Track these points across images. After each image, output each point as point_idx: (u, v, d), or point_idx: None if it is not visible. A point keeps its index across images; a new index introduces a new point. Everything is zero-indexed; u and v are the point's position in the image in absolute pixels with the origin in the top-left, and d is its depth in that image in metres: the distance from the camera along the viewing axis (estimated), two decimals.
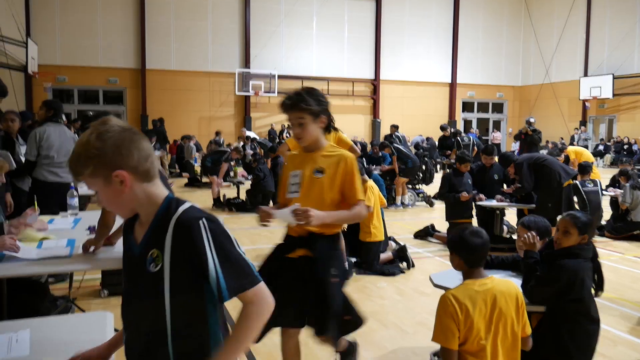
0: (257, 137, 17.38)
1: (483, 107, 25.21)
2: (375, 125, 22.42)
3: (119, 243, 3.05)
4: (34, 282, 3.23)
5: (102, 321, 1.99)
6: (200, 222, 1.41)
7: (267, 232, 7.74)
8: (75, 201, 4.12)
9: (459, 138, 11.43)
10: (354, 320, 2.92)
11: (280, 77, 20.88)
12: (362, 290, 5.04)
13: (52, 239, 3.26)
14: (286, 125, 20.67)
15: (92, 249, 2.93)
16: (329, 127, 5.09)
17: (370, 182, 5.68)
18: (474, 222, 6.81)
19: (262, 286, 1.47)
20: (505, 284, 2.48)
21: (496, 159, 7.18)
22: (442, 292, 4.54)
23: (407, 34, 22.88)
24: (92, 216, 4.14)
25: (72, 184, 4.36)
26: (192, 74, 20.24)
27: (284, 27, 21.34)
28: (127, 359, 1.54)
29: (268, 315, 1.48)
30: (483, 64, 24.35)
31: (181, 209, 1.45)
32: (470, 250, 2.42)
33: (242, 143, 17.80)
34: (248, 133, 17.62)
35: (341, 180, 2.60)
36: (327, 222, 2.54)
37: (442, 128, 12.08)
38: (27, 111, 11.55)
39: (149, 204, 1.47)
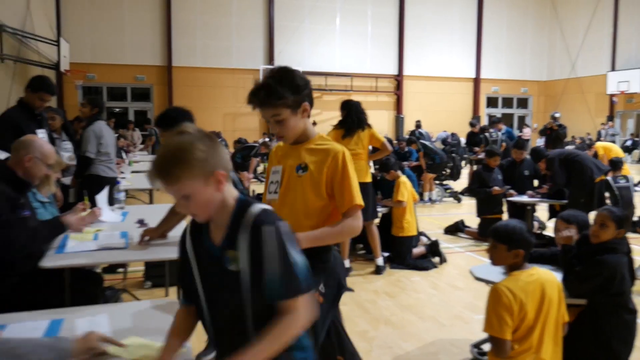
0: None
1: (507, 102, 24.99)
2: (398, 121, 22.40)
3: (171, 236, 3.21)
4: (91, 272, 3.39)
5: (171, 308, 2.11)
6: (274, 227, 1.51)
7: None
8: (122, 195, 4.29)
9: (487, 134, 11.39)
10: None
11: (304, 73, 20.93)
12: (395, 284, 5.12)
13: (105, 231, 3.42)
14: (312, 121, 20.79)
15: (146, 238, 3.07)
16: (363, 124, 5.17)
17: (403, 178, 5.76)
18: (504, 217, 6.83)
19: (303, 299, 1.51)
20: (549, 274, 2.58)
21: (527, 154, 7.18)
22: (477, 286, 4.66)
23: (430, 30, 22.78)
24: (137, 210, 4.31)
25: (118, 179, 4.52)
26: (217, 70, 20.44)
27: (307, 23, 21.42)
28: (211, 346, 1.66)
29: (299, 330, 1.52)
30: (507, 59, 24.13)
31: (255, 211, 1.53)
32: (528, 244, 2.50)
33: (267, 138, 17.94)
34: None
35: (328, 180, 2.11)
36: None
37: (472, 124, 12.04)
38: (58, 108, 11.84)
39: (225, 205, 1.56)
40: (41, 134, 4.18)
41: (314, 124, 20.57)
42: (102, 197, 3.61)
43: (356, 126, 5.14)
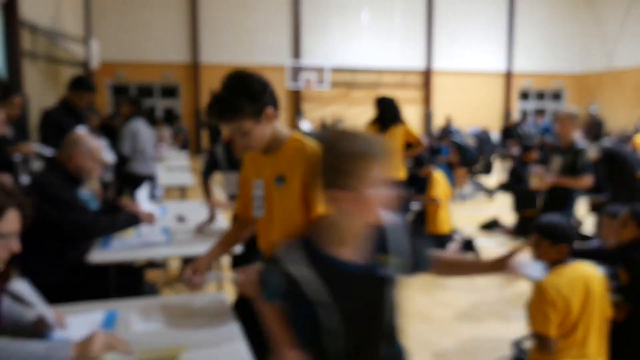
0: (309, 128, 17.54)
1: (540, 96, 24.53)
2: (427, 117, 22.21)
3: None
4: (132, 267, 3.44)
5: (219, 299, 2.14)
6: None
7: None
8: (159, 191, 4.34)
9: (521, 128, 11.21)
10: None
11: (331, 69, 20.97)
12: (430, 280, 5.07)
13: (146, 227, 3.47)
14: (338, 118, 20.77)
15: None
16: (398, 120, 5.13)
17: (437, 174, 5.70)
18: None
19: None
20: (592, 268, 2.54)
21: None
22: (514, 283, 4.56)
23: (460, 23, 22.49)
24: (174, 206, 4.36)
25: (155, 176, 4.59)
26: (244, 67, 20.49)
27: (334, 19, 21.37)
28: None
29: None
30: (540, 52, 23.65)
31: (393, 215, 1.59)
32: (572, 239, 2.46)
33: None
34: (303, 125, 17.81)
35: (301, 185, 1.88)
36: None
37: (507, 118, 11.83)
38: (94, 108, 12.06)
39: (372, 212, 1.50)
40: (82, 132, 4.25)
41: (341, 120, 20.55)
42: (142, 193, 3.66)
43: (390, 122, 5.11)
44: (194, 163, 12.84)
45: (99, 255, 2.87)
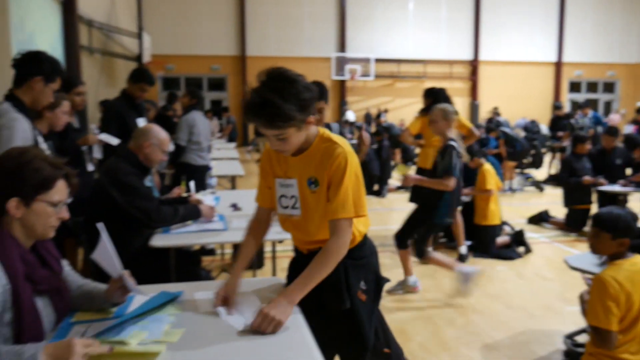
0: (355, 120, 17.54)
1: (592, 87, 23.69)
2: (473, 108, 21.82)
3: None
4: (190, 252, 3.58)
5: (277, 282, 2.21)
6: None
7: (396, 214, 7.88)
8: (214, 181, 4.48)
9: (572, 120, 10.89)
10: (396, 355, 2.27)
11: (376, 60, 20.86)
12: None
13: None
14: (383, 109, 20.67)
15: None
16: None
17: (487, 166, 5.64)
18: (594, 208, 6.54)
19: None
20: None
21: (618, 141, 6.83)
22: (566, 278, 4.54)
23: (508, 12, 21.91)
24: (227, 195, 4.49)
25: (210, 166, 4.73)
26: (289, 59, 20.68)
27: (380, 9, 21.22)
28: None
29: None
30: (592, 41, 22.81)
31: None
32: (634, 233, 2.42)
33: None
34: (348, 115, 17.82)
35: (328, 184, 1.88)
36: (301, 296, 1.82)
37: (556, 107, 11.45)
38: (153, 100, 12.41)
39: None
40: (141, 123, 4.43)
41: (386, 111, 20.43)
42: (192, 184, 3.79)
43: None
44: (241, 155, 13.07)
45: (160, 239, 3.00)
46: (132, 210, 2.96)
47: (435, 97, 5.13)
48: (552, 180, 9.84)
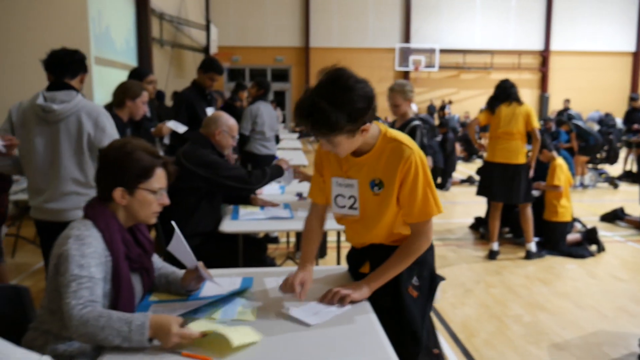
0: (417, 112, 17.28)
1: None
2: (543, 100, 21.01)
3: None
4: (256, 239, 3.67)
5: (342, 271, 2.23)
6: None
7: (460, 207, 7.77)
8: None
9: None
10: (443, 358, 2.18)
11: (441, 50, 20.44)
12: (549, 270, 4.88)
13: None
14: (447, 100, 20.25)
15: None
16: (512, 97, 4.89)
17: (559, 160, 5.42)
18: None
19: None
20: None
21: None
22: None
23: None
24: (293, 184, 4.54)
25: (276, 156, 4.81)
26: (353, 50, 20.62)
27: None
28: None
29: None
30: None
31: None
32: None
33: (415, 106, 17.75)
34: (412, 106, 17.53)
35: (398, 186, 1.82)
36: (379, 284, 1.87)
37: (633, 98, 10.79)
38: (221, 90, 12.74)
39: None
40: (210, 112, 4.55)
41: (450, 102, 20.00)
42: None
43: (498, 100, 4.93)
44: (304, 145, 13.19)
45: (229, 225, 3.09)
46: (226, 182, 3.12)
47: (497, 86, 4.99)
48: (629, 176, 9.34)
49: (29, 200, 2.80)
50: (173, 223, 1.89)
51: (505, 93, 4.96)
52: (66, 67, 2.72)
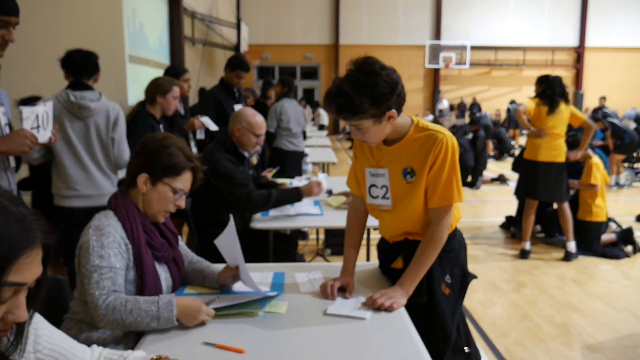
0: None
1: None
2: (577, 97, 20.53)
3: None
4: (287, 235, 3.70)
5: (372, 267, 2.24)
6: None
7: (490, 206, 7.69)
8: (310, 166, 4.57)
9: None
10: (475, 356, 2.15)
11: (472, 47, 20.17)
12: (582, 271, 4.79)
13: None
14: (477, 100, 19.99)
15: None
16: (567, 97, 4.78)
17: (595, 159, 5.31)
18: None
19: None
20: None
21: None
22: None
23: None
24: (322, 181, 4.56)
25: (306, 152, 4.83)
26: (382, 47, 20.50)
27: None
28: None
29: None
30: None
31: None
32: None
33: (431, 116, 17.68)
34: (443, 103, 17.44)
35: (428, 169, 1.83)
36: (415, 285, 1.86)
37: None
38: (253, 88, 12.86)
39: None
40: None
41: (478, 105, 19.71)
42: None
43: (559, 98, 4.83)
44: (332, 143, 13.21)
45: (259, 221, 3.12)
46: (226, 196, 3.09)
47: (551, 82, 4.87)
48: None
49: (59, 190, 3.05)
50: (231, 217, 1.86)
51: (565, 92, 4.89)
52: (84, 69, 3.04)
